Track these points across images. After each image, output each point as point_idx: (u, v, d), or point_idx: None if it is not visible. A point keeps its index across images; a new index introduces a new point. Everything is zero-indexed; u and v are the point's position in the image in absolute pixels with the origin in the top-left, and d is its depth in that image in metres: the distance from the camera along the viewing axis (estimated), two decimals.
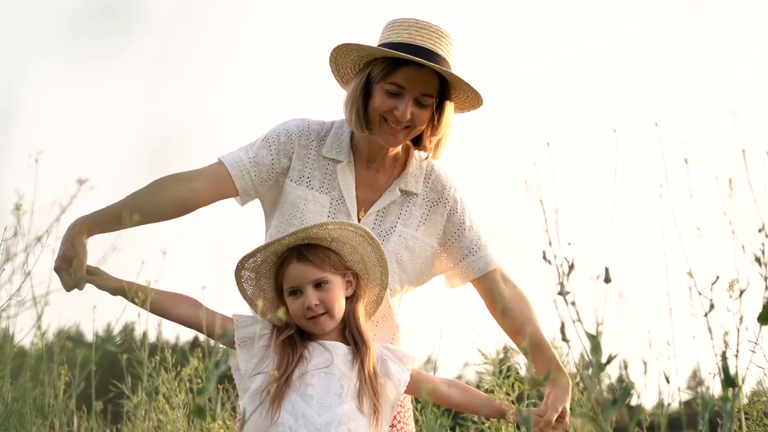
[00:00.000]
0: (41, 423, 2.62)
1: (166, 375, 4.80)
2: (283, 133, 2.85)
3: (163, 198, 2.73)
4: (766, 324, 1.88)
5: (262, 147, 2.83)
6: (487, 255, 2.90)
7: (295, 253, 2.59)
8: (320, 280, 2.56)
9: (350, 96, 2.78)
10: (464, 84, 2.70)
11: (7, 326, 2.24)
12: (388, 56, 2.70)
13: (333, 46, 2.76)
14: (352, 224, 2.61)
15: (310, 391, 2.49)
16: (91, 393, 3.47)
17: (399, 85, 2.70)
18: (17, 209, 2.21)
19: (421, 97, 2.71)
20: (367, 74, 2.75)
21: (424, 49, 2.69)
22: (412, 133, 2.77)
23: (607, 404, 1.73)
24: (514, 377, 4.02)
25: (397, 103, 2.70)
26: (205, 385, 1.76)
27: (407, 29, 2.72)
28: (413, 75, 2.69)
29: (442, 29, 2.74)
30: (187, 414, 4.72)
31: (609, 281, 1.85)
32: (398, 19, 2.77)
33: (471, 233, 2.90)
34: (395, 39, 2.73)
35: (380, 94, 2.72)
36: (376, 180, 2.88)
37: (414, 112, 2.71)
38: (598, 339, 1.77)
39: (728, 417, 1.86)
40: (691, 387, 2.23)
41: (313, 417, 2.46)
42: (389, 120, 2.73)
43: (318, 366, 2.52)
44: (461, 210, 2.90)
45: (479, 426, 4.20)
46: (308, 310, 2.54)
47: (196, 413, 1.75)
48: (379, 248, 2.63)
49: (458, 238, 2.89)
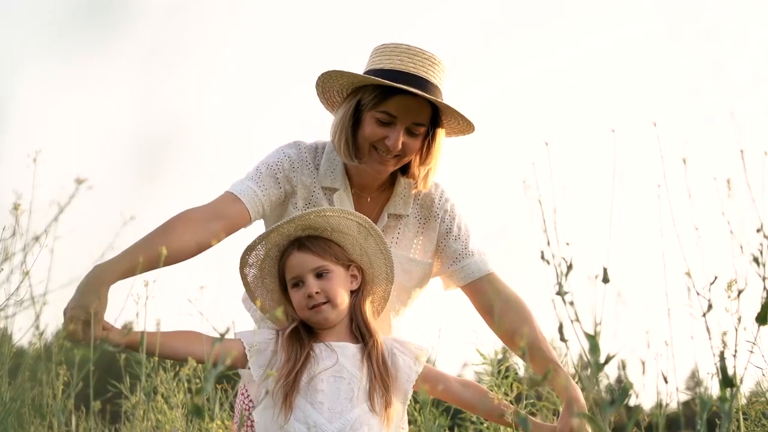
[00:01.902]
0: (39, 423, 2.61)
1: (164, 375, 4.80)
2: (286, 161, 2.77)
3: (181, 243, 2.57)
4: (765, 324, 1.88)
5: (269, 177, 2.75)
6: (475, 263, 2.85)
7: (296, 243, 2.59)
8: (321, 269, 2.56)
9: (339, 123, 2.70)
10: (457, 113, 2.65)
11: (5, 326, 2.24)
12: (380, 84, 2.62)
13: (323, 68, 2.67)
14: (352, 213, 2.60)
15: (320, 397, 2.48)
16: (90, 393, 3.47)
17: (390, 114, 2.62)
18: (15, 209, 2.21)
19: (413, 126, 2.65)
20: (357, 101, 2.67)
21: (416, 77, 2.61)
22: (402, 161, 2.72)
23: (605, 404, 1.73)
24: (512, 378, 4.02)
25: (388, 133, 2.63)
26: (204, 385, 1.76)
27: (399, 55, 2.65)
28: (405, 104, 2.62)
29: (434, 56, 2.66)
30: (186, 414, 4.72)
31: (607, 281, 1.85)
32: (389, 44, 2.69)
33: (457, 242, 2.85)
34: (386, 65, 2.64)
35: (371, 122, 2.65)
36: (369, 206, 2.85)
37: (405, 141, 2.65)
38: (597, 339, 1.77)
39: (726, 417, 1.86)
40: (690, 388, 2.22)
41: (325, 425, 2.45)
42: (379, 149, 2.66)
43: (325, 369, 2.51)
44: (449, 219, 2.87)
45: (478, 426, 4.20)
46: (309, 299, 2.54)
47: (194, 413, 1.75)
48: (381, 240, 2.62)
49: (447, 245, 2.86)
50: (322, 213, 2.57)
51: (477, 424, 4.22)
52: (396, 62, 2.63)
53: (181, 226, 2.59)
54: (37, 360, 2.23)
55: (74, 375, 2.31)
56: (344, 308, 2.59)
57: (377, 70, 2.65)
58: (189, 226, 2.59)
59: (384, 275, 2.67)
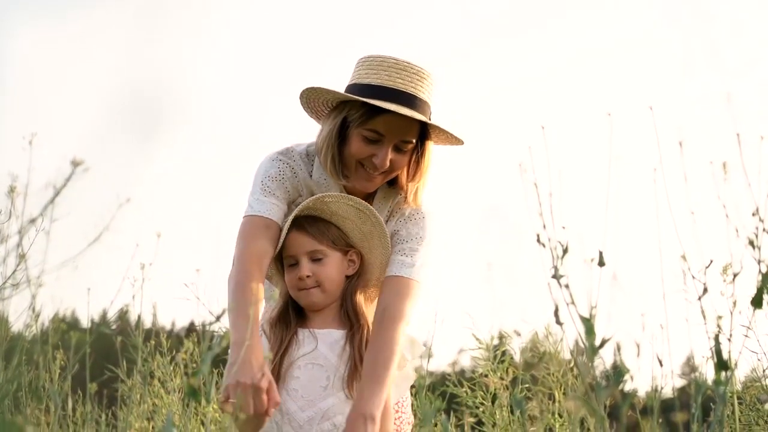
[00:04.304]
0: (36, 406, 2.63)
1: (161, 359, 4.81)
2: (287, 169, 2.68)
3: (261, 293, 2.50)
4: (760, 308, 1.89)
5: (278, 188, 2.66)
6: (400, 262, 2.65)
7: (296, 224, 2.59)
8: (316, 253, 2.56)
9: (325, 140, 2.62)
10: (445, 131, 2.60)
11: (1, 309, 2.25)
12: (369, 103, 2.54)
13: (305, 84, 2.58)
14: (353, 198, 2.59)
15: (295, 384, 2.48)
16: (86, 376, 3.48)
17: (378, 133, 2.55)
18: (11, 192, 2.21)
19: (401, 144, 2.58)
20: (344, 118, 2.60)
21: (405, 94, 2.54)
22: (390, 176, 2.66)
23: (599, 386, 1.74)
24: (508, 362, 4.03)
25: (376, 151, 2.57)
26: (200, 367, 1.76)
27: (387, 70, 2.57)
28: (393, 122, 2.54)
29: (422, 70, 2.59)
30: (183, 398, 4.73)
31: (603, 265, 1.85)
32: (376, 56, 2.61)
33: (405, 244, 2.68)
34: (374, 80, 2.57)
35: (357, 140, 2.58)
36: None
37: (393, 158, 2.59)
38: (592, 322, 1.78)
39: (721, 401, 1.87)
40: (685, 373, 2.23)
41: (297, 413, 2.45)
42: (366, 166, 2.60)
43: (303, 355, 2.51)
44: (413, 222, 2.72)
45: (474, 411, 4.22)
46: (300, 281, 2.55)
47: (189, 395, 1.75)
48: (382, 227, 2.61)
49: (397, 238, 2.71)
50: (321, 199, 2.57)
51: (473, 408, 4.23)
52: (384, 77, 2.56)
53: (252, 286, 2.47)
54: (32, 343, 2.23)
55: (70, 357, 2.32)
56: (335, 293, 2.59)
57: (364, 85, 2.58)
58: (256, 277, 2.50)
59: (379, 262, 2.65)
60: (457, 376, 4.31)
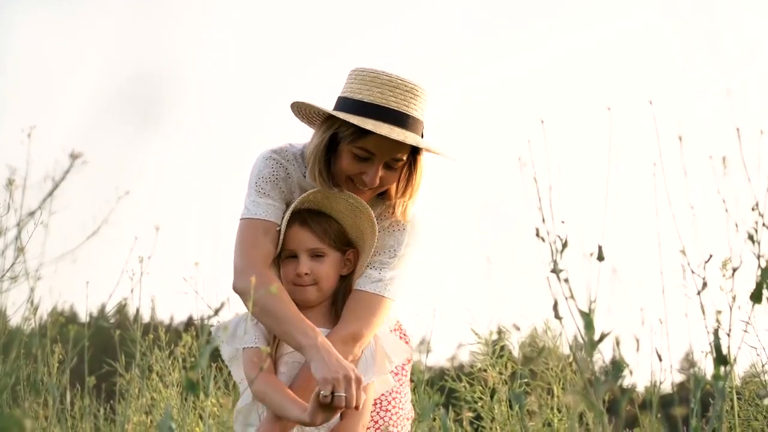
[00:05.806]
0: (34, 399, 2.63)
1: (159, 353, 4.82)
2: (281, 170, 2.65)
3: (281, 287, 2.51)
4: (759, 302, 1.89)
5: (273, 189, 2.63)
6: (368, 276, 2.62)
7: (299, 218, 2.58)
8: (317, 251, 2.56)
9: (314, 153, 2.58)
10: (436, 152, 2.56)
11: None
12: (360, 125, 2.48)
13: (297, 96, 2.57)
14: (352, 196, 2.57)
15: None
16: (84, 370, 3.48)
17: (369, 151, 2.51)
18: (10, 184, 2.20)
19: (392, 161, 2.55)
20: (334, 132, 2.55)
21: (397, 113, 2.49)
22: (379, 191, 2.63)
23: (598, 381, 1.73)
24: (507, 357, 4.04)
25: (366, 169, 2.53)
26: (198, 361, 1.76)
27: (380, 87, 2.52)
28: (384, 141, 2.49)
29: (416, 86, 2.54)
30: (181, 392, 4.74)
31: (602, 259, 1.85)
32: (369, 71, 2.56)
33: (377, 256, 2.65)
34: (366, 97, 2.52)
35: (348, 156, 2.54)
36: None
37: (383, 175, 2.55)
38: (591, 317, 1.78)
39: (720, 396, 1.87)
40: (684, 368, 2.23)
41: None
42: (356, 182, 2.57)
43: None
44: (389, 233, 2.69)
45: (472, 405, 4.22)
46: (297, 277, 2.54)
47: (188, 388, 1.75)
48: (374, 227, 2.59)
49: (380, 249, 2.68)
50: (324, 193, 2.56)
51: (471, 403, 4.24)
52: (376, 95, 2.52)
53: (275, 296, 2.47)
54: (31, 336, 2.23)
55: (68, 351, 2.32)
56: (329, 292, 2.59)
57: (356, 101, 2.54)
58: (274, 279, 2.54)
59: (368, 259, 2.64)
60: (456, 370, 4.32)
